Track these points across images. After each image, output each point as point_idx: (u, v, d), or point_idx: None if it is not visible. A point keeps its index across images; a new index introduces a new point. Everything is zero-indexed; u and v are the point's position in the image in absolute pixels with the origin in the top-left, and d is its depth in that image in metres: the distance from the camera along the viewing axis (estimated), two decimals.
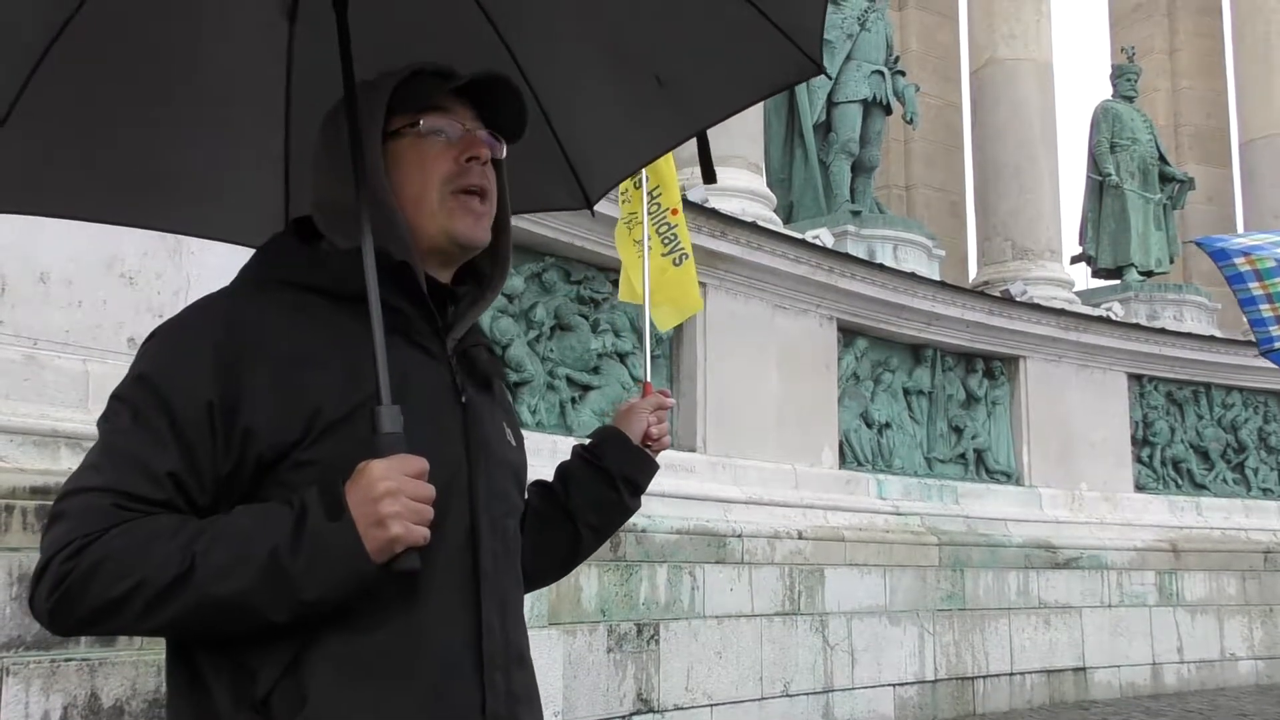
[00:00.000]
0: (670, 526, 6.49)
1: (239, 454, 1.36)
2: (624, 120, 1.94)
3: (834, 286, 8.30)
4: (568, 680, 5.78)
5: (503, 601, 1.49)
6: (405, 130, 1.52)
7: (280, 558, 1.29)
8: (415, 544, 1.33)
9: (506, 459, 1.59)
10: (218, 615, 1.30)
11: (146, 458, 1.34)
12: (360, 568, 1.31)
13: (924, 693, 8.00)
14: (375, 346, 1.39)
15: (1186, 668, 9.94)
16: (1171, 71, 16.62)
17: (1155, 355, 10.76)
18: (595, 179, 2.02)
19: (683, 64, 1.82)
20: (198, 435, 1.35)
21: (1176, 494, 10.83)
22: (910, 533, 8.28)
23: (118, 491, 1.33)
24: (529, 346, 6.50)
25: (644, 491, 1.87)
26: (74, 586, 1.29)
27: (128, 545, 1.29)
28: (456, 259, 1.58)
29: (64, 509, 1.34)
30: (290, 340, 1.40)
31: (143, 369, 1.41)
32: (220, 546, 1.30)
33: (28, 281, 4.21)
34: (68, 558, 1.30)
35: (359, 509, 1.31)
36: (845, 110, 10.31)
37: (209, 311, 1.44)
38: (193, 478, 1.35)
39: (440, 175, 1.52)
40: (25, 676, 3.74)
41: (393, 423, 1.36)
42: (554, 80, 1.87)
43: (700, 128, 2.04)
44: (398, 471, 1.32)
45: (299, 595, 1.30)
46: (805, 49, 1.72)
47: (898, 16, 14.77)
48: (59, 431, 4.08)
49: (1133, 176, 12.59)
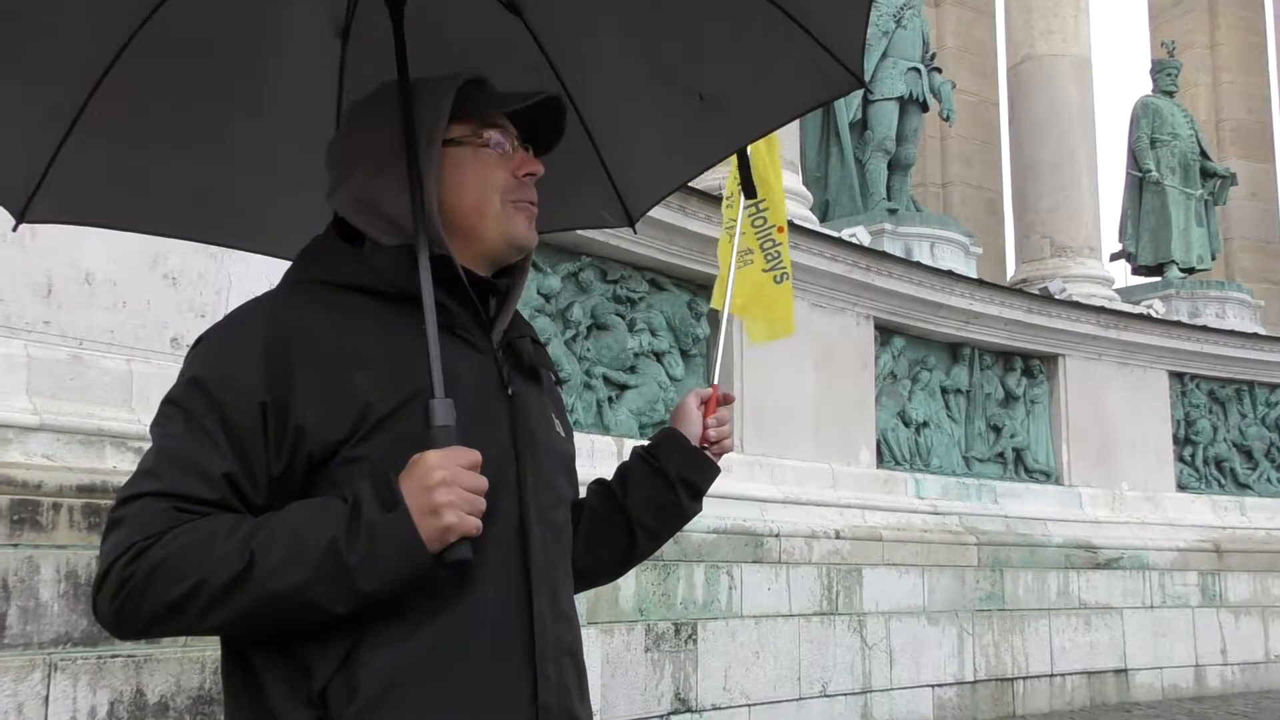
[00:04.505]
0: (707, 526, 6.48)
1: (290, 453, 1.38)
2: (666, 138, 1.95)
3: (871, 285, 8.25)
4: (605, 680, 5.79)
5: (554, 592, 1.50)
6: (467, 140, 1.55)
7: (338, 549, 1.31)
8: (469, 533, 1.35)
9: (555, 449, 1.61)
10: (278, 610, 1.32)
11: (201, 460, 1.36)
12: (416, 556, 1.33)
13: (963, 693, 7.94)
14: (429, 341, 1.41)
15: (1230, 670, 9.80)
16: (1212, 66, 16.43)
17: (1197, 353, 10.61)
18: (638, 197, 2.03)
19: (725, 81, 1.83)
20: (250, 436, 1.37)
21: (1219, 494, 10.68)
22: (949, 532, 8.22)
23: (174, 495, 1.34)
24: (566, 346, 6.51)
25: (704, 494, 1.84)
26: (135, 590, 1.31)
27: (186, 546, 1.31)
28: (507, 261, 1.61)
29: (122, 515, 1.36)
30: (336, 339, 1.42)
31: (194, 372, 1.43)
32: (277, 542, 1.32)
33: (73, 283, 4.27)
34: (128, 563, 1.32)
35: (413, 498, 1.32)
36: (881, 108, 10.26)
37: (256, 313, 1.46)
38: (247, 478, 1.37)
39: (500, 185, 1.56)
40: (73, 673, 3.79)
41: (445, 415, 1.38)
42: (598, 99, 1.88)
43: (743, 143, 2.05)
44: (452, 462, 1.34)
45: (357, 586, 1.31)
46: (847, 63, 1.72)
47: (934, 13, 14.67)
48: (104, 431, 4.13)
49: (1173, 172, 12.45)
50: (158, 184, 1.83)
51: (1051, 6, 11.21)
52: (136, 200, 1.87)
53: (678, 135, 1.93)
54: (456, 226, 1.53)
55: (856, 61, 1.72)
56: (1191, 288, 12.02)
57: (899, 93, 10.25)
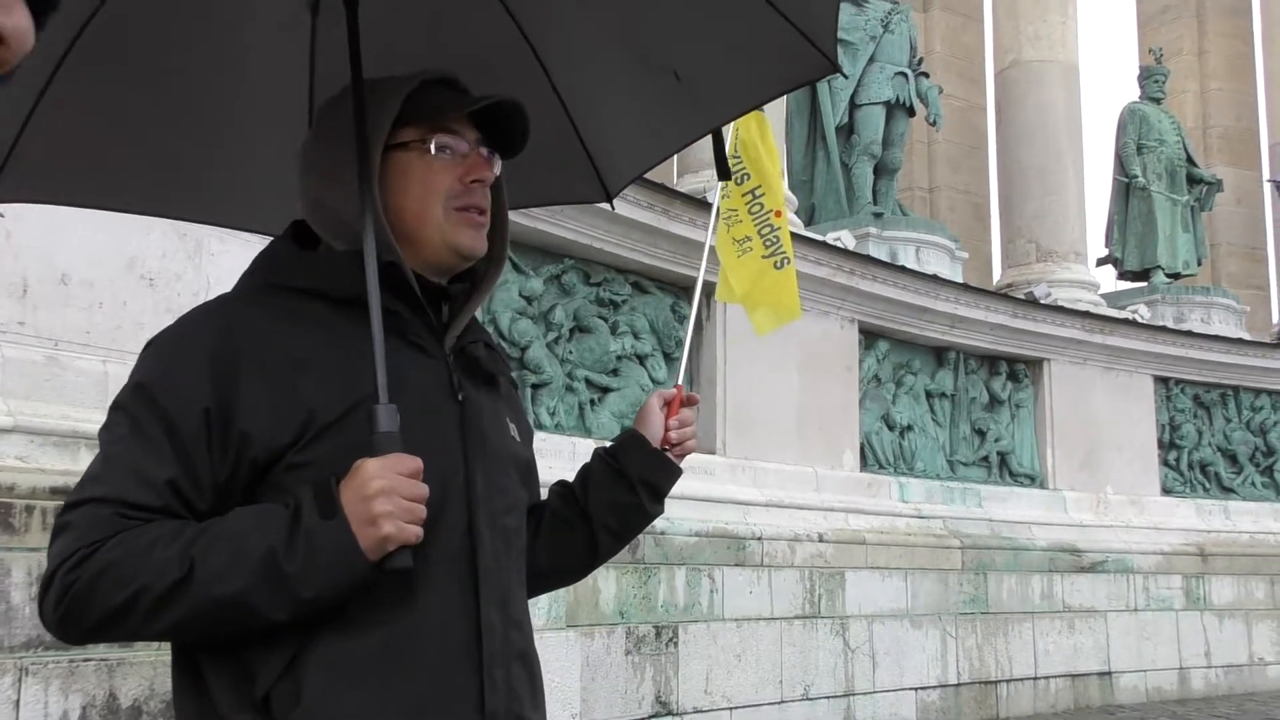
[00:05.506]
0: (689, 529, 6.48)
1: (235, 459, 1.38)
2: (643, 115, 1.95)
3: (855, 288, 8.27)
4: (585, 682, 5.78)
5: (504, 598, 1.49)
6: (414, 145, 1.53)
7: (277, 557, 1.31)
8: (408, 542, 1.34)
9: (509, 454, 1.59)
10: (219, 617, 1.32)
11: (145, 466, 1.36)
12: (355, 565, 1.32)
13: (946, 696, 7.95)
14: (375, 345, 1.40)
15: (1214, 672, 9.83)
16: (1200, 73, 16.49)
17: (1182, 358, 10.64)
18: (615, 173, 2.03)
19: (700, 60, 1.83)
20: (195, 442, 1.37)
21: (1204, 497, 10.71)
22: (932, 535, 8.23)
23: (118, 501, 1.34)
24: (548, 348, 6.51)
25: (665, 496, 1.83)
26: (78, 596, 1.31)
27: (128, 553, 1.31)
28: (455, 269, 1.59)
29: (67, 521, 1.36)
30: (285, 344, 1.42)
31: (140, 378, 1.42)
32: (218, 549, 1.31)
33: (49, 283, 4.26)
34: (71, 569, 1.32)
35: (352, 507, 1.32)
36: (868, 112, 10.27)
37: (205, 319, 1.46)
38: (191, 484, 1.37)
39: (444, 191, 1.53)
40: (44, 676, 3.77)
41: (389, 421, 1.37)
42: (575, 74, 1.88)
43: (717, 123, 2.05)
44: (391, 470, 1.33)
45: (296, 593, 1.31)
46: (821, 47, 1.74)
47: (922, 18, 14.71)
48: (79, 432, 4.12)
49: (1160, 178, 12.48)
50: (128, 161, 1.81)
51: (1039, 12, 11.23)
52: (106, 177, 1.84)
53: (654, 113, 1.93)
54: (402, 232, 1.52)
55: (830, 45, 1.73)
56: (1177, 293, 12.05)
57: (886, 97, 10.26)
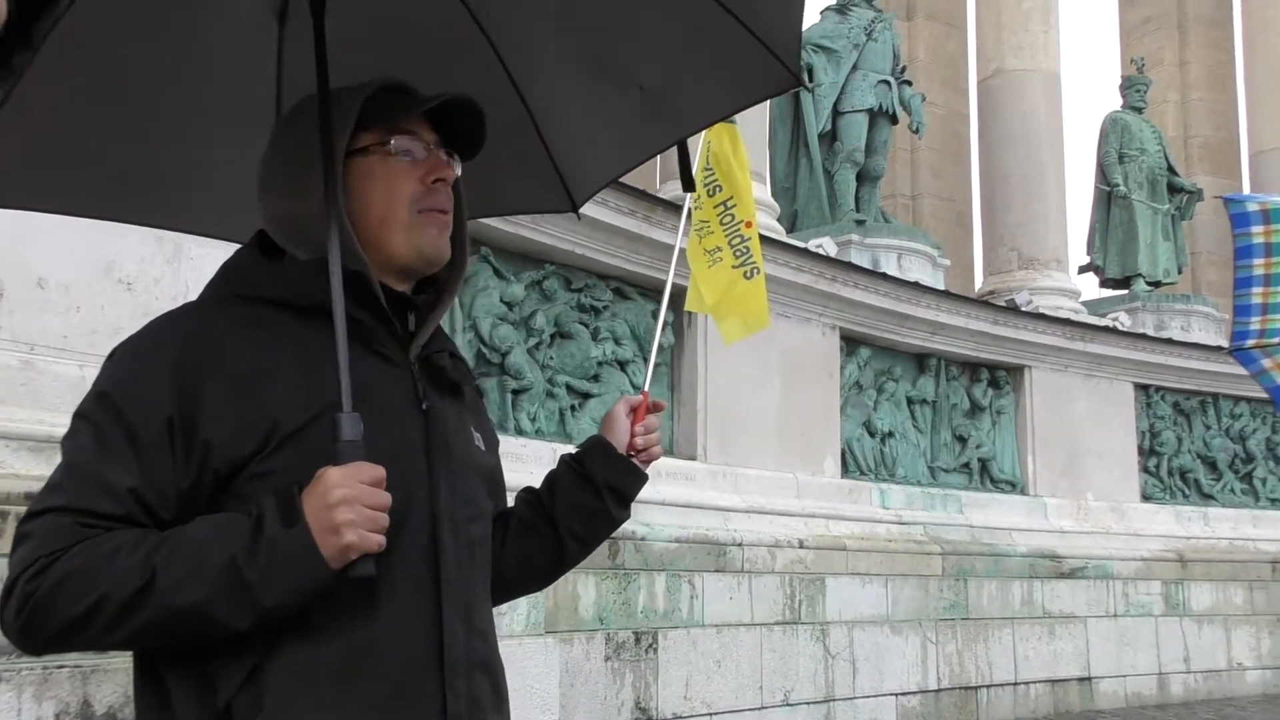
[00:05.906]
0: (669, 535, 6.49)
1: (198, 468, 1.38)
2: (609, 126, 1.96)
3: (837, 295, 8.29)
4: (565, 689, 5.78)
5: (467, 608, 1.50)
6: (374, 149, 1.54)
7: (238, 565, 1.30)
8: (369, 551, 1.34)
9: (473, 463, 1.59)
10: (180, 625, 1.32)
11: (107, 475, 1.35)
12: (317, 573, 1.32)
13: (926, 702, 7.96)
14: (339, 354, 1.40)
15: (1193, 677, 9.88)
16: (1181, 83, 16.59)
17: (1162, 365, 10.71)
18: (581, 183, 2.03)
19: (666, 73, 1.84)
20: (157, 451, 1.36)
21: (1184, 504, 10.77)
22: (913, 542, 8.25)
23: (80, 510, 1.34)
24: (529, 354, 6.51)
25: (631, 502, 1.82)
26: (39, 606, 1.31)
27: (89, 562, 1.30)
28: (419, 274, 1.59)
29: (29, 530, 1.35)
30: (249, 354, 1.42)
31: (103, 386, 1.42)
32: (179, 558, 1.31)
33: (26, 286, 4.24)
34: (31, 578, 1.31)
35: (314, 515, 1.32)
36: (851, 120, 10.32)
37: (168, 328, 1.46)
38: (154, 493, 1.37)
39: (407, 194, 1.53)
40: (17, 683, 3.75)
41: (352, 430, 1.37)
42: (540, 83, 1.89)
43: (682, 135, 2.06)
44: (353, 479, 1.33)
45: (258, 602, 1.31)
46: (785, 61, 1.75)
47: (905, 26, 14.77)
48: (54, 437, 4.07)
49: (1141, 187, 12.55)
50: (94, 167, 1.80)
51: (1022, 22, 11.30)
52: (76, 184, 1.84)
53: (620, 125, 1.94)
54: (367, 239, 1.52)
55: (794, 60, 1.75)
56: (1158, 301, 12.11)
57: (869, 105, 10.31)
